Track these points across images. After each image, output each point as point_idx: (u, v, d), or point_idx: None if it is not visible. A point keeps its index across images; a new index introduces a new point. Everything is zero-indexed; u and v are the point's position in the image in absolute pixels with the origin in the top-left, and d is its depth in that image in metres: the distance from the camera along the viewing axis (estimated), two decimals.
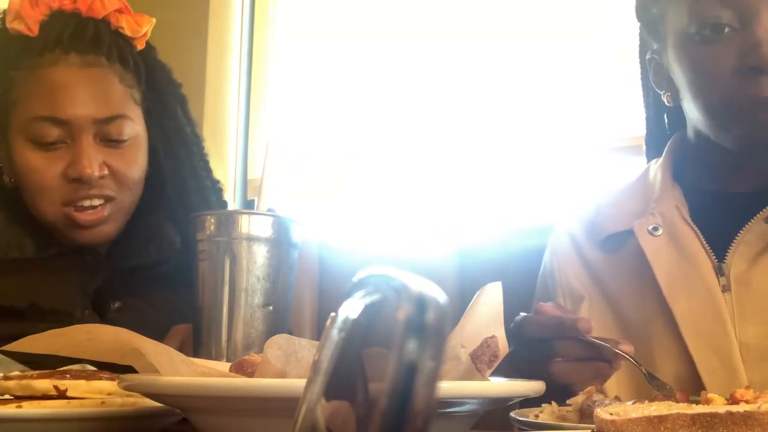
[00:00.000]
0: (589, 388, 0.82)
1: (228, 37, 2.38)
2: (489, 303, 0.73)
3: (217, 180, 1.42)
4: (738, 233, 1.05)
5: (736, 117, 1.01)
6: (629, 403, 0.69)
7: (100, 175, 1.22)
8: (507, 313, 0.74)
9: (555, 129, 1.99)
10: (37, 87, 1.22)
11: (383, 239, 1.85)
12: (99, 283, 1.26)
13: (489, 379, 0.69)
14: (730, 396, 0.66)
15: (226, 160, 2.33)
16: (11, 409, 0.72)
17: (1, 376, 0.81)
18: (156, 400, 0.69)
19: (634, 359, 0.91)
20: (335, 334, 0.35)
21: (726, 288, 1.04)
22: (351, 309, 0.35)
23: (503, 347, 0.69)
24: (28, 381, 0.77)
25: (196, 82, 2.26)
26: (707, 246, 1.07)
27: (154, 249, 1.31)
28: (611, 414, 0.58)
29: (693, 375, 1.02)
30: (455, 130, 2.08)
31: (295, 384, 0.57)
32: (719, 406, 0.61)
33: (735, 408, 0.56)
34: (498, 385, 0.70)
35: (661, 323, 1.06)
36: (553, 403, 0.81)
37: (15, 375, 0.81)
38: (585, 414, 0.76)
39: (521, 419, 0.77)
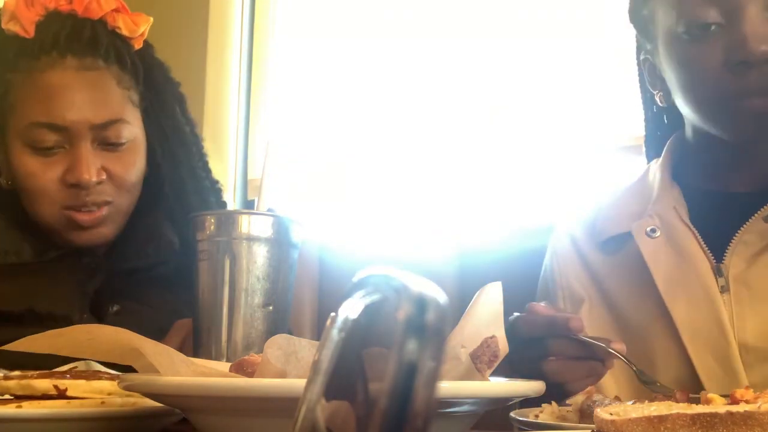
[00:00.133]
0: (589, 388, 0.83)
1: (228, 37, 2.38)
2: (489, 303, 0.73)
3: (217, 180, 1.41)
4: (736, 233, 1.05)
5: (725, 108, 1.02)
6: (629, 403, 0.69)
7: (98, 181, 1.22)
8: (507, 314, 0.75)
9: (555, 129, 1.99)
10: (35, 91, 1.21)
11: (383, 240, 1.85)
12: (97, 285, 1.26)
13: (489, 379, 0.69)
14: (730, 396, 0.66)
15: (226, 160, 2.33)
16: (11, 409, 0.72)
17: (1, 376, 0.81)
18: (156, 400, 0.69)
19: (626, 358, 0.91)
20: (335, 334, 0.35)
21: (725, 289, 1.04)
22: (351, 309, 0.35)
23: (503, 347, 0.69)
24: (28, 381, 0.77)
25: (196, 82, 2.26)
26: (705, 247, 1.07)
27: (152, 250, 1.30)
28: (611, 414, 0.58)
29: (693, 377, 1.02)
30: (455, 130, 2.08)
31: (295, 384, 0.57)
32: (719, 406, 0.61)
33: (735, 408, 0.56)
34: (498, 385, 0.70)
35: (661, 325, 1.06)
36: (553, 403, 0.81)
37: (15, 375, 0.81)
38: (585, 414, 0.76)
39: (521, 419, 0.77)
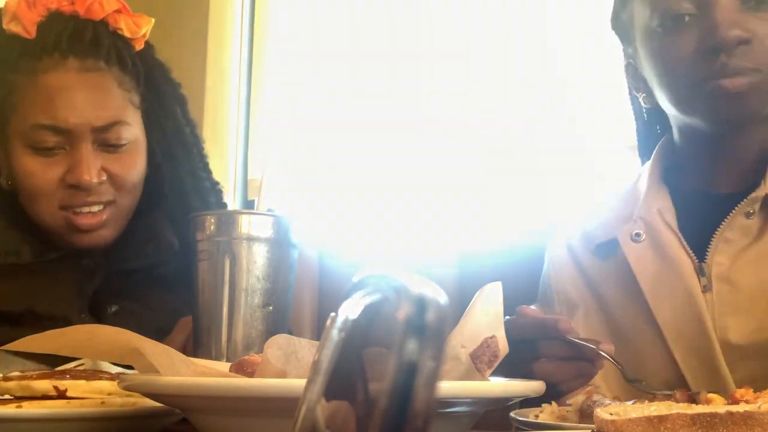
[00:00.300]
0: (589, 388, 0.83)
1: (228, 38, 2.38)
2: (489, 303, 0.73)
3: (217, 181, 1.40)
4: (716, 231, 1.05)
5: (699, 93, 1.02)
6: (629, 403, 0.69)
7: (98, 182, 1.21)
8: (507, 314, 0.75)
9: (554, 130, 1.99)
10: (36, 93, 1.21)
11: (383, 244, 1.85)
12: (96, 285, 1.25)
13: (489, 379, 0.69)
14: (730, 396, 0.67)
15: (226, 160, 2.33)
16: (11, 409, 0.72)
17: (1, 376, 0.81)
18: (156, 400, 0.69)
19: (613, 359, 0.92)
20: (335, 334, 0.35)
21: (707, 288, 1.04)
22: (351, 309, 0.35)
23: (503, 347, 0.70)
24: (28, 381, 0.77)
25: (196, 82, 2.26)
26: (688, 248, 1.07)
27: (152, 251, 1.30)
28: (611, 414, 0.58)
29: (681, 380, 1.03)
30: (454, 131, 2.08)
31: (295, 384, 0.57)
32: (719, 406, 0.62)
33: (735, 408, 0.56)
34: (498, 385, 0.70)
35: (648, 330, 1.06)
36: (553, 403, 0.81)
37: (15, 375, 0.81)
38: (585, 414, 0.76)
39: (521, 419, 0.77)
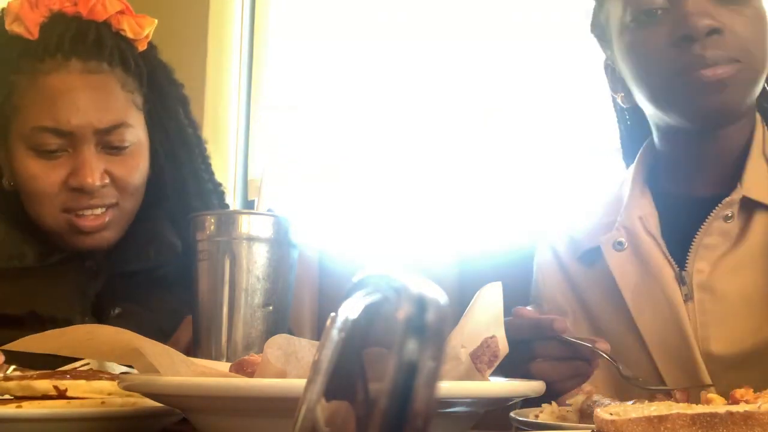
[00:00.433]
0: (589, 388, 0.83)
1: (228, 38, 2.38)
2: (489, 303, 0.73)
3: (220, 183, 1.40)
4: (695, 236, 1.04)
5: (675, 86, 1.01)
6: (629, 403, 0.69)
7: (101, 185, 1.21)
8: (506, 314, 0.75)
9: (553, 131, 1.99)
10: (39, 95, 1.20)
11: (383, 245, 1.85)
12: (98, 288, 1.25)
13: (489, 379, 0.69)
14: (730, 396, 0.67)
15: (226, 160, 2.33)
16: (11, 409, 0.72)
17: (1, 376, 0.81)
18: (156, 400, 0.69)
19: (610, 357, 0.92)
20: (335, 334, 0.35)
21: (689, 297, 1.03)
22: (351, 309, 0.34)
23: (503, 347, 0.70)
24: (28, 381, 0.77)
25: (196, 82, 2.26)
26: (669, 256, 1.06)
27: (153, 252, 1.29)
28: (611, 414, 0.58)
29: None
30: (453, 132, 2.08)
31: (295, 384, 0.57)
32: (719, 406, 0.62)
33: (735, 408, 0.56)
34: (498, 385, 0.70)
35: (632, 339, 1.06)
36: (553, 403, 0.81)
37: (15, 375, 0.81)
38: (585, 414, 0.76)
39: (521, 419, 0.77)
